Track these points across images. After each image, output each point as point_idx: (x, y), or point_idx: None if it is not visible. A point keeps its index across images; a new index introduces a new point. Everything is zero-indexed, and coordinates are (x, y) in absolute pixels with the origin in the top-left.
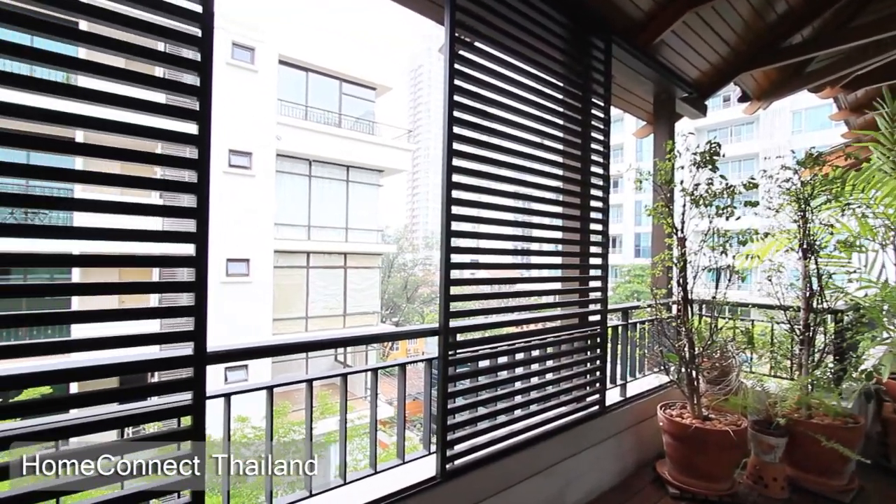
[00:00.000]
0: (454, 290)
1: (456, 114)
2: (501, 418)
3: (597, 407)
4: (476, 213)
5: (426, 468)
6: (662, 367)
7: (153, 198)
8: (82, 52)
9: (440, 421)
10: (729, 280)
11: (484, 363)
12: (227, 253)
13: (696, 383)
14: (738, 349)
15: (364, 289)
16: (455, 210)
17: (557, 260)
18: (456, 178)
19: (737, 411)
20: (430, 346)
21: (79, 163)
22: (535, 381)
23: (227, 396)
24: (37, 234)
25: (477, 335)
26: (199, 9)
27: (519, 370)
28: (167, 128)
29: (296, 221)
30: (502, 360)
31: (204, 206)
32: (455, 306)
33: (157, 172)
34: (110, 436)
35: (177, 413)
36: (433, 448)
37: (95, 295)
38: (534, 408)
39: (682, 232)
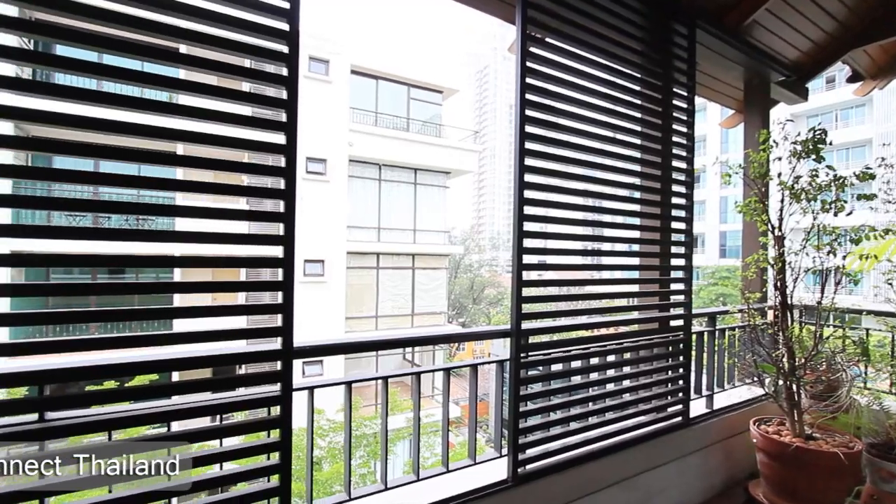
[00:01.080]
0: (526, 292)
1: (528, 112)
2: (574, 424)
3: (680, 418)
4: (549, 213)
5: (497, 470)
6: (756, 379)
7: (241, 203)
8: (182, 73)
9: (512, 424)
10: (837, 283)
11: (556, 367)
12: (304, 254)
13: (796, 398)
14: (848, 361)
15: (431, 289)
16: (528, 210)
17: (635, 261)
18: (528, 177)
19: (848, 432)
20: (497, 348)
21: (179, 173)
22: (610, 387)
23: (311, 389)
24: (148, 239)
25: (548, 338)
26: (286, 27)
27: (594, 375)
28: (258, 139)
29: (367, 224)
30: (576, 364)
31: (291, 211)
32: (527, 308)
33: (244, 180)
34: (203, 422)
35: (267, 403)
36: (504, 450)
37: (198, 293)
38: (610, 415)
39: (781, 230)
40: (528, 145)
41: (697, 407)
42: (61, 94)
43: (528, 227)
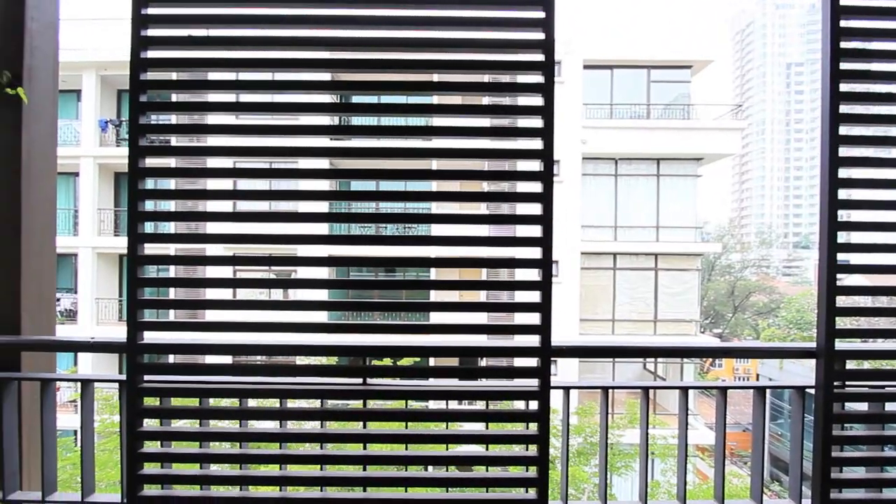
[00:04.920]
0: (842, 301)
1: (845, 65)
2: None
3: None
4: (877, 196)
5: None
6: None
7: (482, 209)
8: (435, 99)
9: (820, 472)
10: None
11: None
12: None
13: None
14: None
15: (678, 293)
16: (844, 194)
17: None
18: (845, 150)
19: None
20: (768, 370)
21: (433, 186)
22: None
23: (567, 389)
24: (419, 243)
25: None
26: (541, 36)
27: None
28: (514, 147)
29: (601, 222)
30: None
31: (549, 214)
32: (843, 323)
33: (484, 187)
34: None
35: (527, 396)
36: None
37: (463, 290)
38: None
39: None
40: (845, 108)
41: None
42: (356, 132)
43: (846, 215)
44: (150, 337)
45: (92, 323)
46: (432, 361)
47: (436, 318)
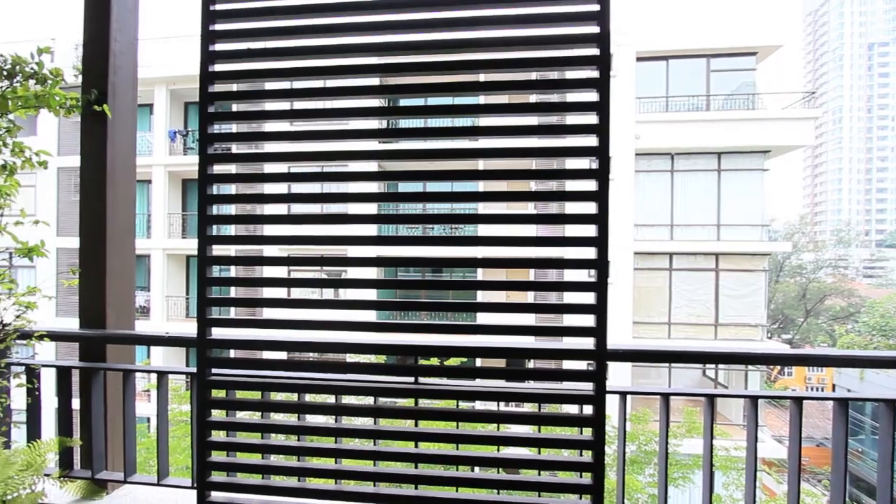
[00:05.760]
0: None
1: None
2: None
3: None
4: None
5: None
6: None
7: (529, 209)
8: (481, 99)
9: None
10: None
11: None
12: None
13: None
14: None
15: (742, 295)
16: None
17: None
18: None
19: None
20: (847, 380)
21: (480, 186)
22: None
23: (623, 394)
24: (471, 244)
25: None
26: (596, 30)
27: None
28: (564, 145)
29: (656, 221)
30: None
31: (604, 213)
32: None
33: (532, 186)
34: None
35: (581, 400)
36: None
37: (511, 290)
38: None
39: None
40: None
41: None
42: (403, 134)
43: None
44: (215, 333)
45: (162, 319)
46: (478, 362)
47: (482, 318)
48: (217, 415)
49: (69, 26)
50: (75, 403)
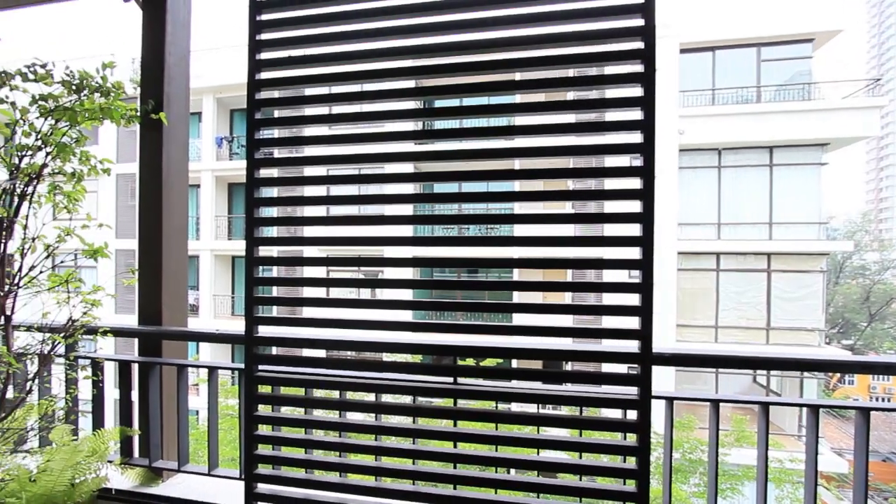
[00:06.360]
0: None
1: None
2: None
3: None
4: None
5: None
6: None
7: (567, 208)
8: (517, 97)
9: None
10: None
11: None
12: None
13: None
14: None
15: (797, 298)
16: None
17: None
18: None
19: None
20: None
21: (516, 185)
22: None
23: (670, 400)
24: (506, 244)
25: None
26: (641, 22)
27: None
28: (607, 142)
29: (702, 219)
30: None
31: (650, 212)
32: None
33: (570, 185)
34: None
35: (625, 405)
36: None
37: (549, 291)
38: None
39: None
40: None
41: None
42: (439, 136)
43: None
44: (261, 331)
45: (210, 316)
46: (513, 363)
47: (518, 319)
48: (262, 410)
49: (123, 41)
50: (132, 395)
